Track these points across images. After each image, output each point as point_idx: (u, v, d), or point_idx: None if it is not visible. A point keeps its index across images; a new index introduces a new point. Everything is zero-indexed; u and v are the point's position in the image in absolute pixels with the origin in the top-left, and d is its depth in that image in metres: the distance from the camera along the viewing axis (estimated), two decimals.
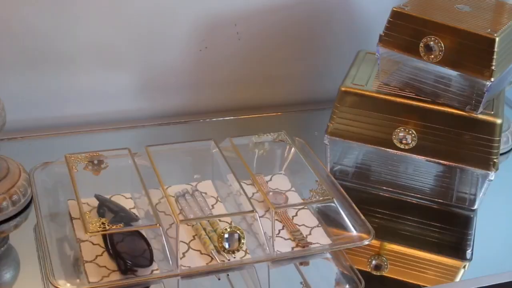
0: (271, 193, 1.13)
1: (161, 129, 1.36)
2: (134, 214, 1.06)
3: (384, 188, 1.22)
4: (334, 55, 1.45)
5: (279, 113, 1.45)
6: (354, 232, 1.03)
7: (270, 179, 1.18)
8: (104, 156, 1.09)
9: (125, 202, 1.10)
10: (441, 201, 1.20)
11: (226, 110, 1.42)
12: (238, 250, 0.95)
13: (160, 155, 1.10)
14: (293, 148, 1.17)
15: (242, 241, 0.95)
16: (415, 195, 1.21)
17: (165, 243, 0.94)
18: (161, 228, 0.95)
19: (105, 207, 1.05)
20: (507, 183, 1.28)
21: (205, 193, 1.13)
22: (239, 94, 1.43)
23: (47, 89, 1.30)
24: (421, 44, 1.10)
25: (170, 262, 0.94)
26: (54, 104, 1.32)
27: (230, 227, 0.95)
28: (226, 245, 0.95)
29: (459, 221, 1.20)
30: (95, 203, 1.07)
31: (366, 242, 1.02)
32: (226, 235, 0.95)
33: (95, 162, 1.09)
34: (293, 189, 1.16)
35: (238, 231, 0.95)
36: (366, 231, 1.03)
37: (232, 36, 1.35)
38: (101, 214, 1.04)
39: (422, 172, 1.19)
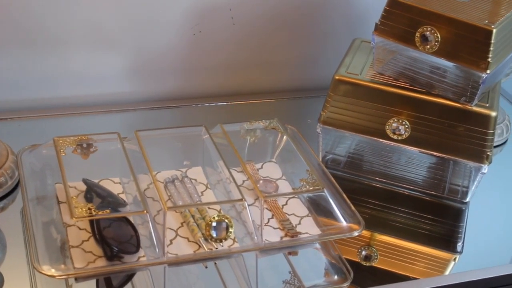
0: (261, 181, 1.12)
1: (152, 113, 1.35)
2: (122, 199, 1.05)
3: (376, 178, 1.22)
4: (329, 42, 1.44)
5: (272, 100, 1.43)
6: (344, 223, 1.02)
7: (261, 167, 1.17)
8: (93, 140, 1.07)
9: (114, 187, 1.08)
10: (433, 193, 1.20)
11: (219, 95, 1.41)
12: (225, 239, 0.94)
13: (150, 140, 1.09)
14: (284, 136, 1.16)
15: (230, 229, 0.94)
16: (407, 186, 1.21)
17: (152, 230, 0.93)
18: (148, 215, 0.93)
19: (92, 192, 1.03)
20: (500, 176, 1.27)
21: (195, 180, 1.12)
22: (232, 80, 1.42)
23: (38, 70, 1.29)
24: (417, 34, 1.08)
25: (157, 249, 0.93)
26: (45, 85, 1.31)
27: (218, 215, 0.94)
28: (214, 234, 0.94)
29: (451, 214, 1.19)
30: (83, 187, 1.05)
31: (356, 233, 1.01)
32: (214, 223, 0.94)
33: (84, 145, 1.07)
34: (284, 177, 1.15)
35: (226, 220, 0.94)
36: (356, 222, 1.02)
37: (227, 21, 1.34)
38: (88, 199, 1.03)
39: (415, 163, 1.18)
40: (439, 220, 1.17)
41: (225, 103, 1.39)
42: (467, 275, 1.06)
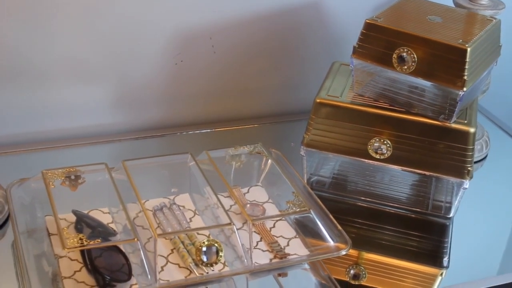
0: (248, 205, 1.13)
1: (137, 143, 1.36)
2: (112, 229, 1.06)
3: (361, 198, 1.23)
4: (308, 66, 1.46)
5: (255, 125, 1.45)
6: (331, 243, 1.04)
7: (248, 191, 1.18)
8: (81, 171, 1.09)
9: (103, 217, 1.10)
10: (417, 209, 1.21)
11: (202, 123, 1.42)
12: (216, 263, 0.96)
13: (137, 169, 1.10)
14: (269, 160, 1.18)
15: (220, 253, 0.95)
16: (392, 204, 1.22)
17: (143, 257, 0.94)
18: (139, 243, 0.95)
19: (82, 223, 1.05)
20: (482, 191, 1.29)
21: (183, 207, 1.13)
22: (214, 107, 1.43)
23: (22, 104, 1.30)
24: (394, 55, 1.11)
25: (149, 276, 0.94)
26: (29, 119, 1.31)
27: (208, 240, 0.95)
28: (204, 258, 0.95)
29: (435, 229, 1.21)
30: (73, 218, 1.06)
31: (344, 252, 1.03)
32: (204, 248, 0.95)
33: (72, 177, 1.09)
34: (270, 200, 1.16)
35: (216, 244, 0.95)
36: (343, 241, 1.04)
37: (208, 49, 1.36)
38: (78, 230, 1.04)
39: (398, 181, 1.20)
40: (424, 236, 1.19)
41: (208, 130, 1.41)
42: None
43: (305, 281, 1.08)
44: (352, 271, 1.10)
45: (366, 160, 1.17)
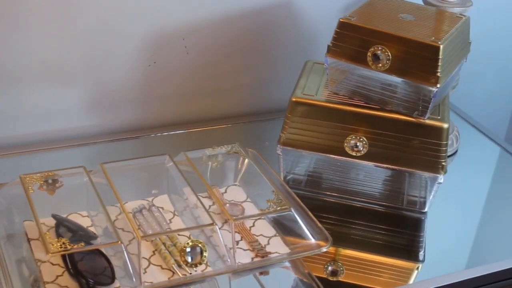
0: (227, 205, 1.14)
1: (112, 145, 1.35)
2: (92, 232, 1.06)
3: (336, 194, 1.25)
4: (280, 65, 1.47)
5: (228, 125, 1.45)
6: (312, 240, 1.05)
7: (225, 191, 1.19)
8: (59, 175, 1.08)
9: (82, 220, 1.09)
10: (393, 205, 1.23)
11: (176, 123, 1.42)
12: (200, 263, 0.96)
13: (115, 172, 1.10)
14: (246, 159, 1.19)
15: (204, 254, 0.96)
16: (367, 200, 1.24)
17: (127, 260, 0.95)
18: (122, 245, 0.95)
19: (63, 227, 1.04)
20: (454, 185, 1.31)
21: (162, 208, 1.13)
22: (189, 107, 1.43)
23: None
24: (369, 54, 1.12)
25: (134, 279, 0.94)
26: (2, 123, 1.30)
27: (192, 241, 0.96)
28: (189, 259, 0.96)
29: (410, 224, 1.23)
30: (52, 222, 1.06)
31: (324, 249, 1.04)
32: (188, 249, 0.95)
33: (50, 181, 1.08)
34: (248, 199, 1.17)
35: (199, 244, 0.96)
36: (324, 238, 1.05)
37: (181, 50, 1.36)
38: (59, 234, 1.03)
39: (374, 177, 1.21)
40: (400, 231, 1.21)
41: (183, 131, 1.41)
42: (433, 282, 1.09)
43: (286, 279, 1.09)
44: (330, 268, 1.11)
45: (342, 158, 1.18)
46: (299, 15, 1.43)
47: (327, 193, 1.25)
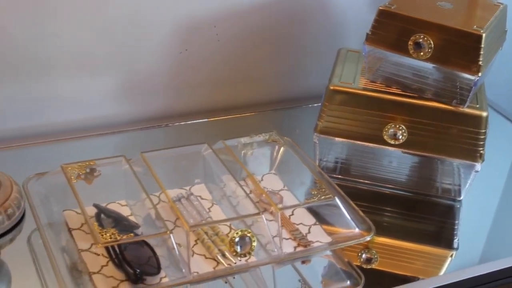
0: (264, 195, 1.14)
1: (143, 133, 1.35)
2: (134, 221, 1.05)
3: (369, 182, 1.25)
4: (308, 54, 1.47)
5: (257, 112, 1.45)
6: (356, 229, 1.05)
7: (261, 179, 1.19)
8: (99, 164, 1.08)
9: (121, 209, 1.09)
10: (428, 193, 1.23)
11: (205, 111, 1.42)
12: (250, 253, 0.96)
13: (151, 161, 1.10)
14: (282, 148, 1.18)
15: (253, 243, 0.95)
16: (403, 188, 1.24)
17: (176, 250, 0.94)
18: (171, 235, 0.94)
19: (105, 216, 1.03)
20: (487, 174, 1.31)
21: (200, 197, 1.13)
22: (218, 95, 1.43)
23: (26, 98, 1.28)
24: (410, 42, 1.12)
25: (183, 269, 0.94)
26: (33, 113, 1.29)
27: (241, 231, 0.95)
28: (238, 249, 0.95)
29: (446, 212, 1.22)
30: (92, 212, 1.05)
31: (368, 238, 1.04)
32: (237, 239, 0.95)
33: (88, 170, 1.07)
34: (285, 188, 1.17)
35: (248, 234, 0.95)
36: (367, 228, 1.05)
37: (212, 38, 1.35)
38: (101, 224, 1.02)
39: (410, 165, 1.21)
40: (434, 219, 1.21)
41: (215, 119, 1.40)
42: (472, 271, 1.09)
43: (326, 267, 1.09)
44: (364, 256, 1.11)
45: (381, 146, 1.18)
46: (328, 3, 1.42)
47: (362, 181, 1.25)
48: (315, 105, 1.42)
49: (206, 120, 1.40)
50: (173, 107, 1.39)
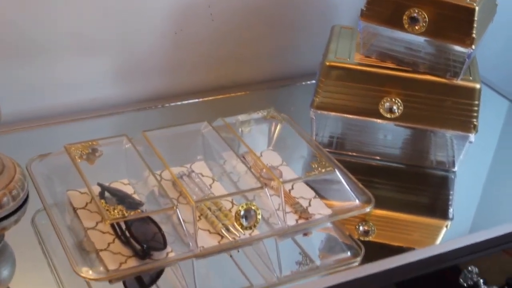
0: (265, 170, 1.15)
1: (140, 114, 1.36)
2: (138, 199, 1.07)
3: (367, 156, 1.27)
4: (301, 32, 1.48)
5: (252, 91, 1.46)
6: (356, 201, 1.07)
7: (261, 155, 1.20)
8: (101, 144, 1.09)
9: (125, 188, 1.10)
10: (424, 165, 1.25)
11: (201, 91, 1.43)
12: (255, 226, 0.98)
13: (152, 140, 1.11)
14: (279, 124, 1.20)
15: (258, 216, 0.97)
16: (398, 161, 1.26)
17: (183, 225, 0.96)
18: (178, 210, 0.96)
19: (109, 194, 1.05)
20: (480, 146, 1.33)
21: (201, 174, 1.14)
22: (212, 74, 1.44)
23: (23, 80, 1.28)
24: (405, 17, 1.13)
25: (190, 244, 0.96)
26: (31, 95, 1.30)
27: (246, 204, 0.97)
28: (245, 222, 0.97)
29: (440, 183, 1.25)
30: (96, 191, 1.06)
31: (368, 210, 1.06)
32: (243, 212, 0.97)
33: (90, 150, 1.09)
34: (284, 163, 1.19)
35: (253, 207, 0.97)
36: (367, 199, 1.07)
37: (206, 18, 1.36)
38: (106, 202, 1.04)
39: (405, 138, 1.23)
40: (429, 190, 1.24)
41: (202, 99, 1.41)
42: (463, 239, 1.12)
43: (326, 239, 1.11)
44: (361, 228, 1.13)
45: (377, 120, 1.20)
46: None
47: (356, 154, 1.27)
48: (309, 82, 1.44)
49: (202, 99, 1.41)
50: (170, 87, 1.40)
